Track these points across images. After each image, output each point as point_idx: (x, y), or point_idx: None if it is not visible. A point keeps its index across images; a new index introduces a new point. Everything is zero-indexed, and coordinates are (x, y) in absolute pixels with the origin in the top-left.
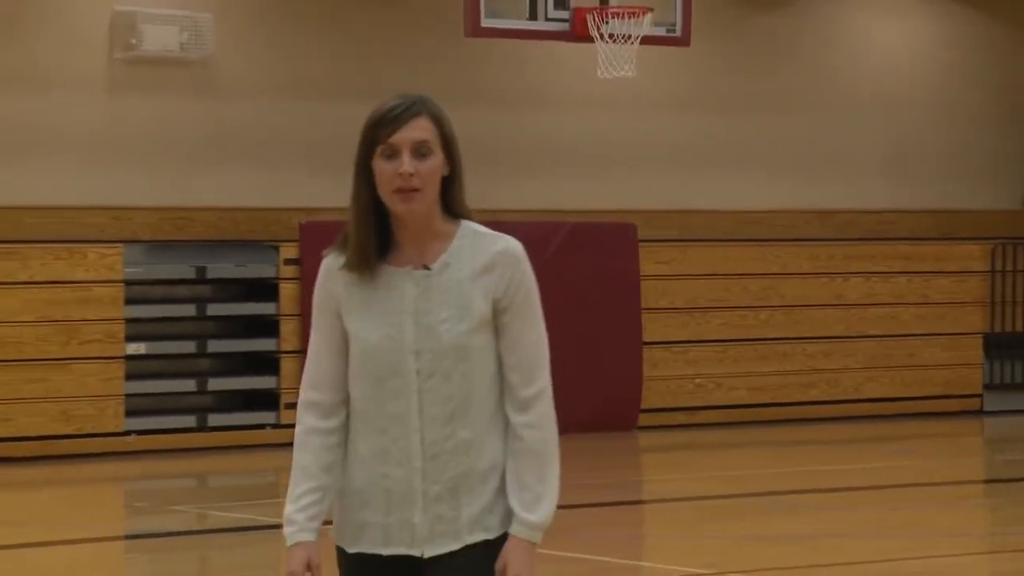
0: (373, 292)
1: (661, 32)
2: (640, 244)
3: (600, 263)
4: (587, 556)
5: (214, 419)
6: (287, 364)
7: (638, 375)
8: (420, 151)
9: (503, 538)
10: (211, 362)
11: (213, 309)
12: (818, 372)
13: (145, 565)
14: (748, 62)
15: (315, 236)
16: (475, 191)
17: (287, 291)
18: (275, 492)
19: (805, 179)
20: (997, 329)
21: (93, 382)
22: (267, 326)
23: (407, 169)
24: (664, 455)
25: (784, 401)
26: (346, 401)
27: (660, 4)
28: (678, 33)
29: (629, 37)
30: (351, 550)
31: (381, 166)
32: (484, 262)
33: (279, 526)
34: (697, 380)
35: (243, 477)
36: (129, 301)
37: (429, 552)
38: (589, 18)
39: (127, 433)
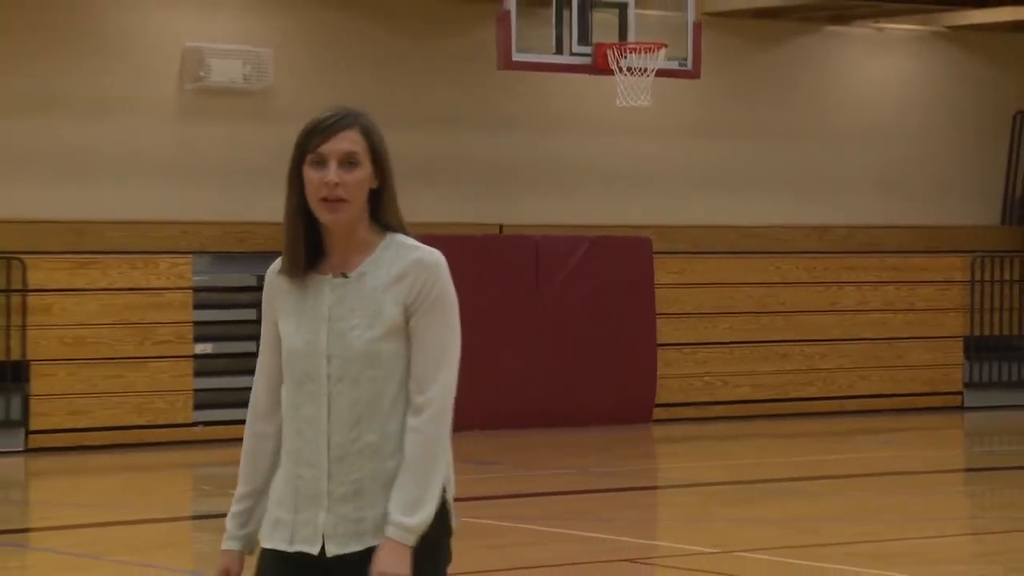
0: (301, 299)
1: (674, 66)
2: (654, 256)
3: (618, 273)
4: (606, 536)
5: None
6: None
7: (652, 373)
8: (348, 162)
9: (424, 541)
10: None
11: None
12: (815, 371)
13: (211, 543)
14: (752, 93)
15: None
16: (503, 208)
17: None
18: None
19: (803, 198)
20: (976, 333)
21: (165, 378)
22: None
23: (333, 178)
24: (676, 445)
25: (784, 397)
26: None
27: (673, 40)
28: (689, 67)
29: (645, 70)
30: (266, 545)
31: (309, 174)
32: (399, 271)
33: None
34: (706, 378)
35: None
36: (197, 306)
37: (333, 551)
38: (609, 53)
39: (195, 424)
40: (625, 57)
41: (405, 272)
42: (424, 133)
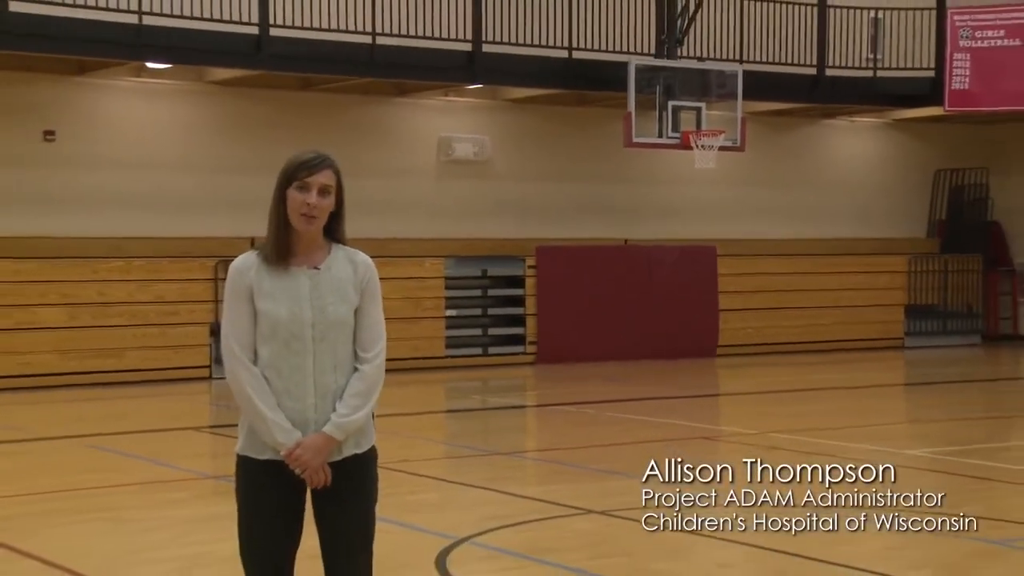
0: (279, 283)
1: (729, 144)
2: (718, 258)
3: (698, 267)
4: (689, 423)
5: (492, 350)
6: (529, 321)
7: (716, 327)
8: (323, 191)
9: (371, 451)
10: (490, 319)
11: (491, 292)
12: (814, 325)
13: (454, 426)
14: (776, 160)
15: (544, 253)
16: (627, 229)
17: (529, 283)
18: (523, 388)
19: (808, 221)
20: (912, 302)
21: (429, 330)
22: (518, 301)
23: (313, 201)
24: (731, 371)
25: (797, 341)
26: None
27: (729, 128)
28: (738, 144)
29: (712, 147)
30: (261, 457)
31: (294, 195)
32: (352, 268)
33: (522, 406)
34: (748, 330)
35: (505, 380)
36: (447, 287)
37: None
38: (690, 136)
39: (446, 357)
40: (701, 139)
41: (356, 268)
42: (579, 184)
